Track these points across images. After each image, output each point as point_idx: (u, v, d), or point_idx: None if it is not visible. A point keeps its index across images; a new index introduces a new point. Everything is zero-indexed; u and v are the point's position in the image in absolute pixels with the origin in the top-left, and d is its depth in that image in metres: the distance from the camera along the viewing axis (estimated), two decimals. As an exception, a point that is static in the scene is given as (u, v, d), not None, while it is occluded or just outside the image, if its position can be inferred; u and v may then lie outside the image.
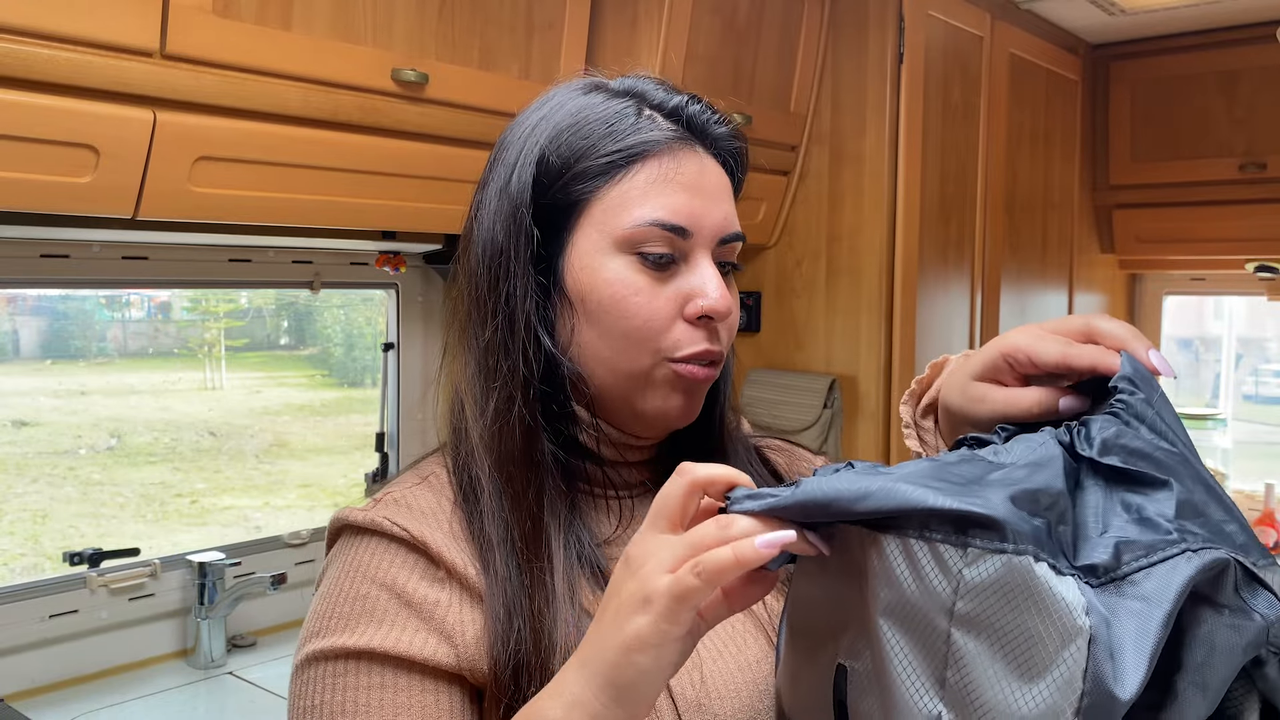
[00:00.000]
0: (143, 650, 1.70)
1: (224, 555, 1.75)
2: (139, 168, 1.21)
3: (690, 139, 0.78)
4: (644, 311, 0.75)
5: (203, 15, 1.21)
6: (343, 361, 3.49)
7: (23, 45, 1.09)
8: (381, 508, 0.75)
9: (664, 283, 0.76)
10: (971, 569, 0.50)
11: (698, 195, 0.76)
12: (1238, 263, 2.70)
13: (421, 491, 0.77)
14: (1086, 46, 2.79)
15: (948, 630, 0.51)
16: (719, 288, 0.76)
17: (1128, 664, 0.47)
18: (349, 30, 1.36)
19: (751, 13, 1.94)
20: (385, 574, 0.72)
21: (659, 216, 0.74)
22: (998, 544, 0.50)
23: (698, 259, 0.77)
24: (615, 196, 0.75)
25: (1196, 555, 0.50)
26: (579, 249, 0.76)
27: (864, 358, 2.12)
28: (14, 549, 2.15)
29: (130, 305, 2.70)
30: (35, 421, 2.67)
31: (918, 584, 0.52)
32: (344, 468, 3.14)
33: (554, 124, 0.77)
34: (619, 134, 0.76)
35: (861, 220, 2.11)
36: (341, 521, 0.77)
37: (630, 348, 0.75)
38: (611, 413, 0.79)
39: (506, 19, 1.55)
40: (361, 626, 0.70)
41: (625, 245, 0.75)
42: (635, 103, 0.78)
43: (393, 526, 0.73)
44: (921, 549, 0.52)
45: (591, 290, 0.75)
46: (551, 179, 0.76)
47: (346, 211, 1.46)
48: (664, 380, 0.76)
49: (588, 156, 0.76)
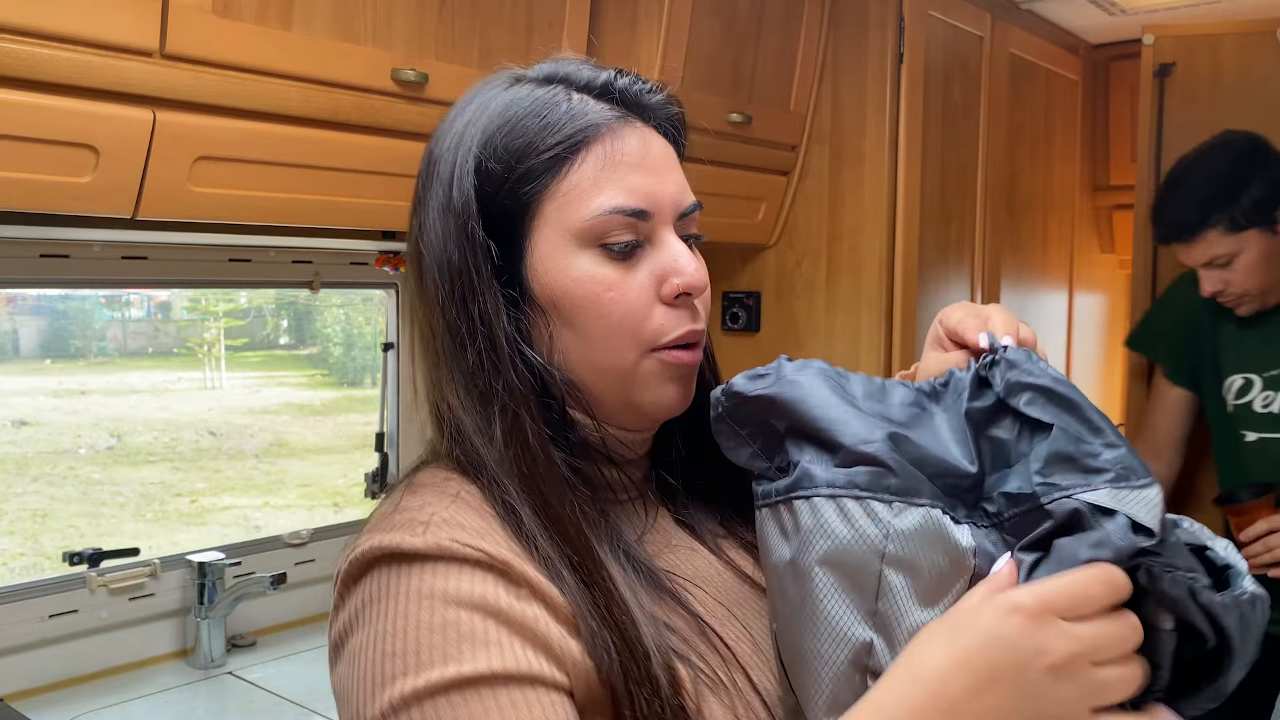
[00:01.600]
0: (142, 650, 1.70)
1: (224, 555, 1.75)
2: (139, 167, 1.21)
3: (627, 114, 0.75)
4: (620, 304, 0.72)
5: (203, 15, 1.21)
6: (342, 361, 3.49)
7: (23, 45, 1.09)
8: (438, 530, 0.66)
9: (633, 269, 0.73)
10: (898, 519, 0.62)
11: (649, 172, 0.73)
12: (1238, 263, 2.70)
13: (463, 511, 0.69)
14: (1086, 46, 2.79)
15: (880, 569, 0.62)
16: (692, 261, 0.74)
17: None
18: (349, 30, 1.36)
19: (751, 13, 1.94)
20: (470, 595, 0.64)
21: (616, 203, 0.72)
22: (915, 500, 0.63)
23: (662, 237, 0.74)
24: (566, 190, 0.72)
25: (1054, 505, 0.61)
26: (539, 252, 0.73)
27: (864, 358, 2.11)
28: (14, 548, 2.15)
29: (130, 305, 2.70)
30: (35, 421, 2.67)
31: (852, 533, 0.63)
32: (344, 467, 3.14)
33: (483, 128, 0.74)
34: (554, 125, 0.72)
35: (861, 220, 2.11)
36: (386, 551, 0.66)
37: (612, 344, 0.73)
38: (609, 412, 0.76)
39: (506, 19, 1.55)
40: (468, 653, 0.62)
41: (587, 239, 0.72)
42: (562, 88, 0.75)
43: (464, 548, 0.65)
44: (855, 506, 0.63)
45: (562, 293, 0.72)
46: (495, 186, 0.73)
47: (346, 211, 1.46)
48: (653, 372, 0.74)
49: (528, 155, 0.72)
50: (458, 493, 0.71)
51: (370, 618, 0.65)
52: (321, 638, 1.83)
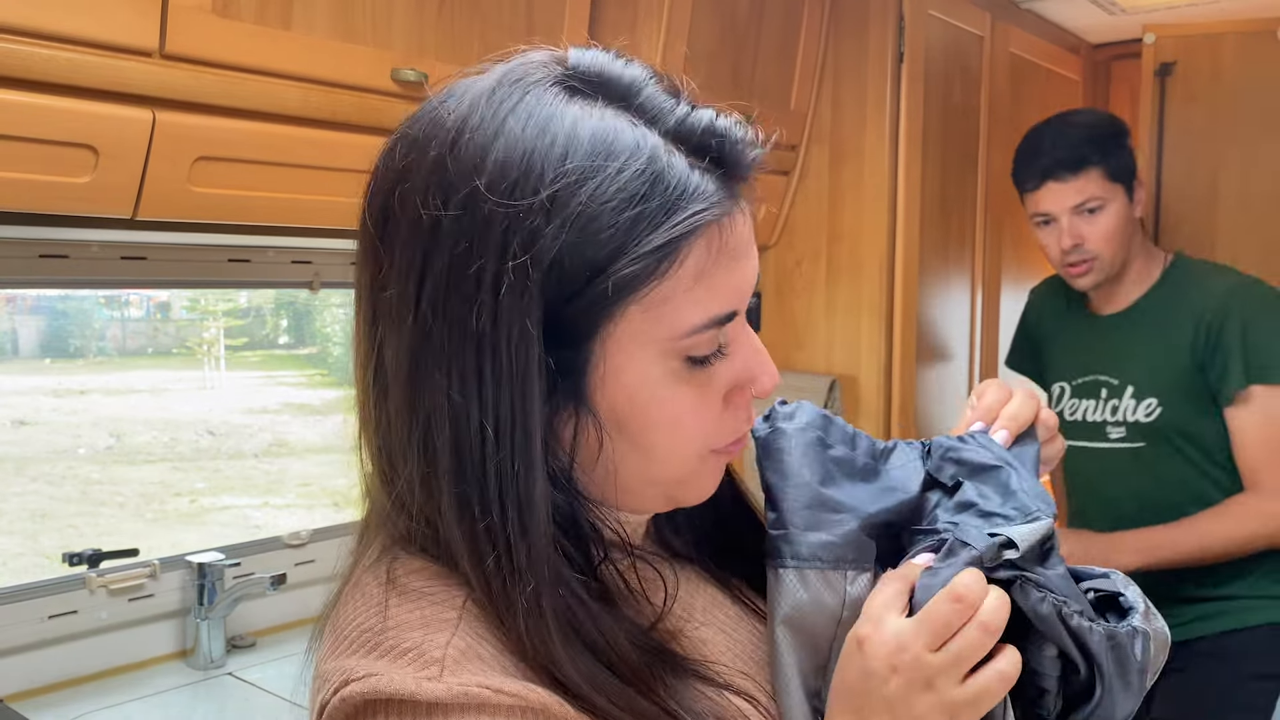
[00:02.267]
0: (142, 651, 1.69)
1: (223, 555, 1.74)
2: (138, 168, 1.21)
3: (730, 185, 0.60)
4: (696, 423, 0.61)
5: (202, 15, 1.20)
6: (342, 360, 3.49)
7: (22, 45, 1.08)
8: (458, 669, 0.53)
9: (712, 379, 0.61)
10: (852, 586, 0.66)
11: (742, 261, 0.60)
12: (1238, 262, 2.70)
13: (476, 629, 0.57)
14: (1087, 46, 2.79)
15: (834, 633, 0.66)
16: (767, 360, 0.64)
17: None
18: (348, 30, 1.36)
19: (751, 12, 1.94)
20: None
21: (715, 312, 0.59)
22: (864, 565, 0.67)
23: (739, 331, 0.62)
24: (658, 299, 0.57)
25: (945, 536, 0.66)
26: (613, 363, 0.58)
27: (864, 357, 2.11)
28: (13, 549, 2.15)
29: (129, 305, 2.70)
30: (34, 421, 2.67)
31: (812, 601, 0.66)
32: (343, 467, 3.13)
33: (557, 201, 0.55)
34: (654, 214, 0.56)
35: (862, 220, 2.10)
36: (386, 697, 0.53)
37: (675, 458, 0.62)
38: (639, 501, 0.65)
39: (506, 19, 1.55)
40: None
41: (674, 353, 0.59)
42: (653, 133, 0.58)
43: (497, 695, 0.53)
44: (816, 575, 0.67)
45: (635, 415, 0.59)
46: (568, 292, 0.56)
47: (346, 211, 1.44)
48: (708, 463, 0.65)
49: (619, 257, 0.55)
50: (464, 602, 0.58)
51: None
52: (321, 638, 1.83)
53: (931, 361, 2.23)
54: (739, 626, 0.72)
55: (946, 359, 2.30)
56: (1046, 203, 1.83)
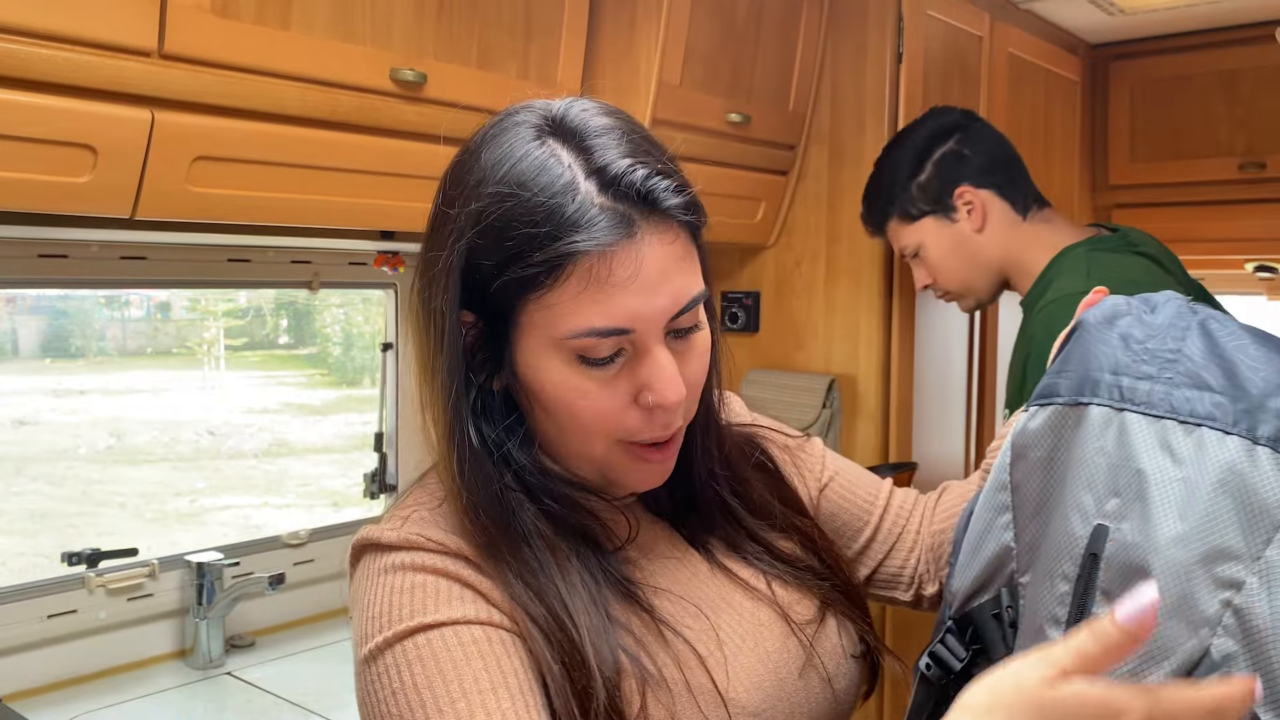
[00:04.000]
0: (141, 650, 1.70)
1: (222, 555, 1.75)
2: (137, 167, 1.21)
3: (632, 229, 0.71)
4: (591, 410, 0.75)
5: (201, 15, 1.20)
6: (341, 361, 3.49)
7: (21, 45, 1.09)
8: (412, 525, 0.76)
9: (613, 376, 0.74)
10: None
11: (638, 291, 0.71)
12: (1237, 263, 2.70)
13: (444, 514, 0.78)
14: (1086, 46, 2.79)
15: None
16: (670, 380, 0.74)
17: None
18: (347, 30, 1.36)
19: (750, 12, 1.94)
20: (434, 565, 0.73)
21: (594, 325, 0.71)
22: None
23: (647, 347, 0.74)
24: (548, 302, 0.72)
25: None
26: (524, 345, 0.75)
27: (863, 357, 2.11)
28: (13, 548, 2.15)
29: (129, 304, 2.70)
30: (34, 421, 2.67)
31: (1265, 478, 0.61)
32: (343, 467, 3.14)
33: (479, 212, 0.72)
34: (544, 239, 0.70)
35: (861, 220, 2.10)
36: (368, 542, 0.77)
37: (583, 438, 0.77)
38: (575, 467, 0.81)
39: (505, 19, 1.55)
40: (432, 606, 0.71)
41: (565, 350, 0.73)
42: (580, 170, 0.71)
43: (429, 542, 0.74)
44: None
45: (540, 390, 0.75)
46: (486, 279, 0.73)
47: (345, 211, 1.46)
48: (621, 459, 0.78)
49: (515, 263, 0.71)
50: (443, 501, 0.79)
51: (359, 596, 0.75)
52: (320, 638, 1.83)
53: (930, 361, 2.23)
54: (695, 575, 0.83)
55: (945, 359, 2.30)
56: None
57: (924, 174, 1.74)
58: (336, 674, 1.69)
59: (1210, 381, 0.65)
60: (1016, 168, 1.76)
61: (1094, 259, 1.63)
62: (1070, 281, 1.57)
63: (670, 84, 1.77)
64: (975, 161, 1.72)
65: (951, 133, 1.74)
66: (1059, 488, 0.69)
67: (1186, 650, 0.60)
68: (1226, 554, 0.60)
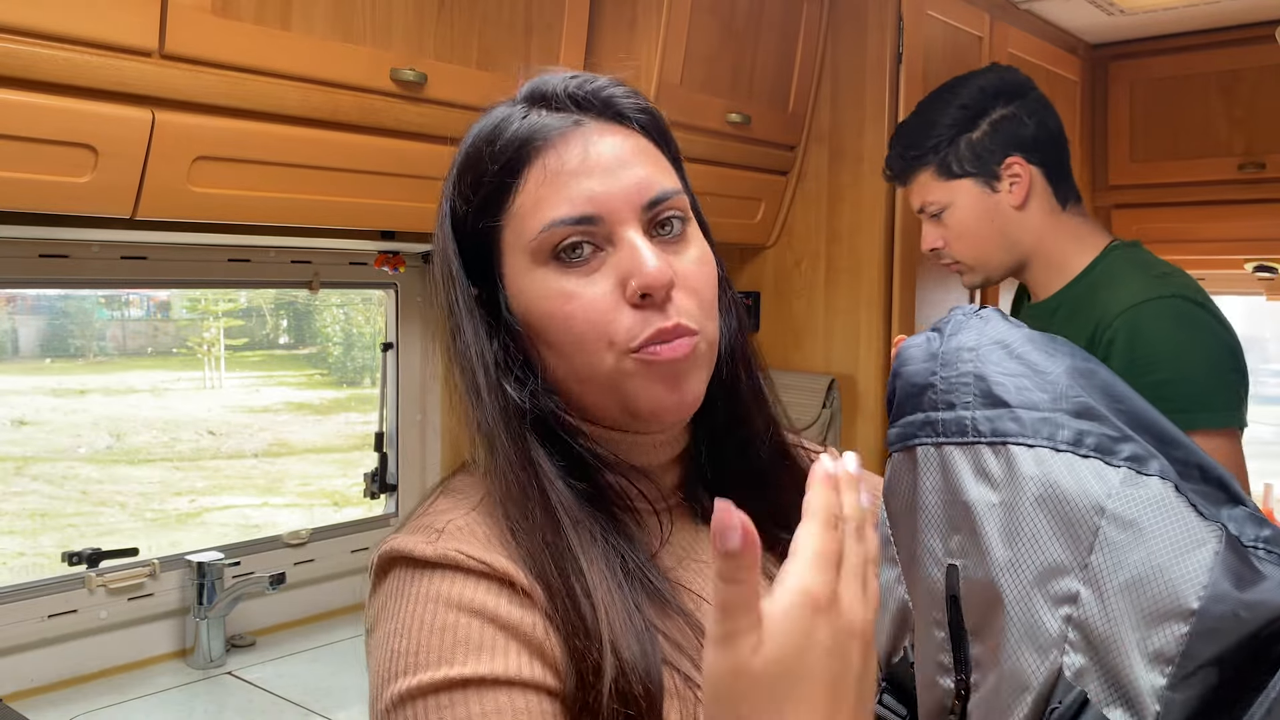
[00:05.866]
0: (141, 650, 1.70)
1: (223, 555, 1.75)
2: (137, 167, 1.21)
3: (580, 119, 0.74)
4: (580, 313, 0.71)
5: (201, 15, 1.21)
6: (341, 361, 3.49)
7: (22, 45, 1.09)
8: (449, 539, 0.69)
9: (594, 276, 0.72)
10: (1127, 485, 0.60)
11: (594, 175, 0.72)
12: (1237, 263, 2.70)
13: (479, 520, 0.72)
14: (1086, 46, 2.79)
15: (1098, 524, 0.59)
16: (651, 259, 0.70)
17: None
18: (348, 30, 1.36)
19: (750, 12, 1.94)
20: (471, 601, 0.66)
21: (556, 215, 0.71)
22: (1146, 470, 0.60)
23: (622, 236, 0.71)
24: (516, 212, 0.73)
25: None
26: (509, 278, 0.75)
27: (863, 357, 2.12)
28: (13, 548, 2.15)
29: (129, 304, 2.70)
30: (34, 420, 2.67)
31: (1076, 484, 0.60)
32: (343, 467, 3.14)
33: (456, 164, 0.77)
34: (499, 150, 0.73)
35: (860, 220, 2.11)
36: (400, 554, 0.70)
37: (585, 353, 0.72)
38: (613, 420, 0.75)
39: (505, 19, 1.55)
40: (461, 656, 0.65)
41: (540, 255, 0.72)
42: (523, 105, 0.76)
43: (469, 560, 0.68)
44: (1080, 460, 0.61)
45: (530, 314, 0.73)
46: (464, 222, 0.76)
47: (346, 211, 1.46)
48: (634, 373, 0.72)
49: (481, 185, 0.74)
50: (480, 500, 0.74)
51: (385, 616, 0.69)
52: (320, 638, 1.83)
53: (930, 361, 2.23)
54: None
55: (945, 359, 2.30)
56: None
57: (978, 131, 1.60)
58: (337, 674, 1.69)
59: (1006, 397, 0.65)
60: (1066, 153, 1.65)
61: (1158, 264, 1.59)
62: (1151, 285, 1.52)
63: (670, 84, 1.77)
64: (1033, 133, 1.60)
65: (1015, 95, 1.61)
66: (916, 535, 0.68)
67: (1041, 675, 0.60)
68: (1056, 569, 0.60)
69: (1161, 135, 2.76)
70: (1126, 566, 0.58)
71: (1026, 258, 1.66)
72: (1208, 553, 0.58)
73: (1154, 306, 1.50)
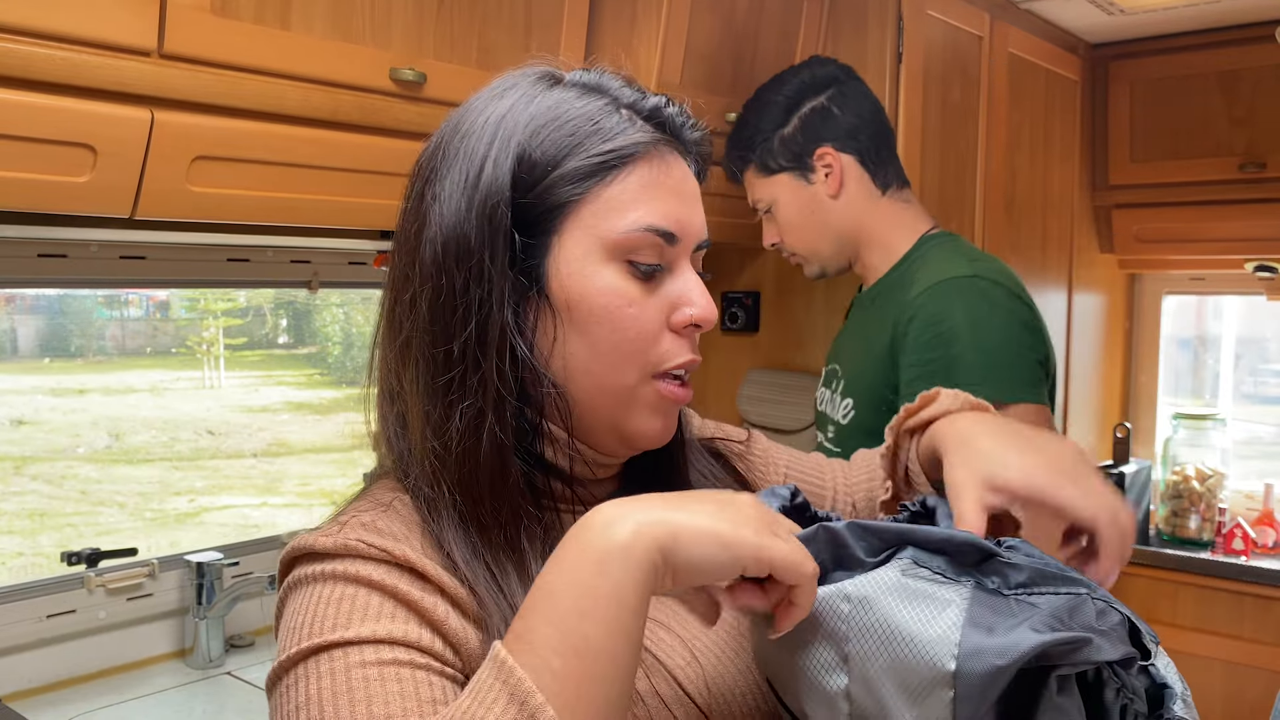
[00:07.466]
0: (140, 650, 1.69)
1: (222, 555, 1.75)
2: (136, 167, 1.21)
3: (671, 142, 0.76)
4: (637, 323, 0.72)
5: (200, 14, 1.20)
6: (341, 360, 3.49)
7: (20, 44, 1.09)
8: (350, 531, 0.68)
9: (652, 292, 0.74)
10: (867, 577, 0.66)
11: (683, 201, 0.75)
12: (1237, 262, 2.70)
13: (387, 518, 0.71)
14: (1086, 46, 2.79)
15: (845, 610, 0.64)
16: (704, 294, 0.75)
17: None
18: (347, 30, 1.36)
19: (750, 11, 1.94)
20: (370, 577, 0.66)
21: (652, 222, 0.72)
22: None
23: (681, 266, 0.76)
24: (607, 199, 0.72)
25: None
26: (567, 254, 0.72)
27: (863, 358, 2.11)
28: (12, 548, 2.15)
29: (128, 304, 2.70)
30: (33, 420, 2.67)
31: (825, 593, 0.65)
32: (342, 467, 3.13)
33: (530, 116, 0.73)
34: (606, 133, 0.73)
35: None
36: (302, 550, 0.70)
37: (620, 361, 0.73)
38: (590, 430, 0.75)
39: (505, 18, 1.55)
40: (358, 620, 0.64)
41: (617, 252, 0.72)
42: (610, 101, 0.75)
43: (368, 548, 0.67)
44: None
45: (582, 299, 0.72)
46: (534, 177, 0.72)
47: (345, 211, 1.45)
48: (647, 400, 0.75)
49: (575, 155, 0.72)
50: (390, 502, 0.73)
51: (285, 607, 0.69)
52: (320, 638, 1.83)
53: (930, 361, 2.23)
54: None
55: (945, 359, 2.30)
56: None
57: (788, 127, 1.63)
58: (336, 674, 1.68)
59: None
60: (884, 138, 1.67)
61: (970, 250, 1.62)
62: (954, 266, 1.54)
63: (670, 82, 1.77)
64: (843, 122, 1.63)
65: (825, 87, 1.64)
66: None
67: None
68: (828, 666, 0.66)
69: (1161, 135, 2.76)
70: (881, 649, 0.62)
71: (855, 245, 1.68)
72: (955, 613, 0.60)
73: (951, 284, 1.52)
